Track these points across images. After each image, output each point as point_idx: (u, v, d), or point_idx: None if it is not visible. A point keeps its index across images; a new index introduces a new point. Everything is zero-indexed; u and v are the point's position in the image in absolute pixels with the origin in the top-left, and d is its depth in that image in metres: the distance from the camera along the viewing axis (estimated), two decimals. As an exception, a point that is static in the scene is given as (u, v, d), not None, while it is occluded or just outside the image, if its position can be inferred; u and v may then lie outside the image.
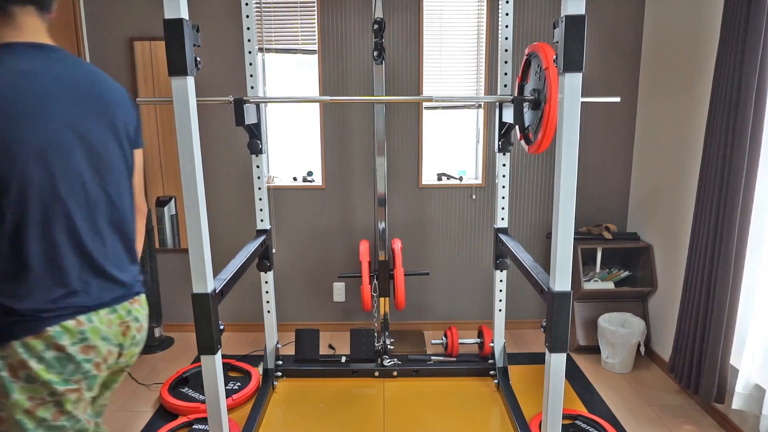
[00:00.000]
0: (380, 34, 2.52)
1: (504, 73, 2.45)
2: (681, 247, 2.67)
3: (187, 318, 3.39)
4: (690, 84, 2.59)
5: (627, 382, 2.76)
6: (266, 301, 2.70)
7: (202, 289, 1.65)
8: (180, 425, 2.38)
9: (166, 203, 3.21)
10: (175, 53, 1.48)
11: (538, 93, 1.95)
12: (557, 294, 1.61)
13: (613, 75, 3.13)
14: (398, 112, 3.15)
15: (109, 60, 3.07)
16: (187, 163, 1.55)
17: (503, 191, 2.57)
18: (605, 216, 3.30)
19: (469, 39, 3.11)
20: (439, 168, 3.30)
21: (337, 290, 3.37)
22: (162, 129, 3.14)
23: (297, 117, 3.25)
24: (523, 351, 3.13)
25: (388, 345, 2.85)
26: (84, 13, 3.02)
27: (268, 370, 2.72)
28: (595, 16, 3.06)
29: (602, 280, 3.06)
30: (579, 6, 1.41)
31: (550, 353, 1.66)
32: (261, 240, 2.46)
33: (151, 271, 3.12)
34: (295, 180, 3.29)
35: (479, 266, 3.35)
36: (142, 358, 3.08)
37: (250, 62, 2.45)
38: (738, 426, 2.26)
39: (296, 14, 3.06)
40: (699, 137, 2.49)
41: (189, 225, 1.60)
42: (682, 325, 2.47)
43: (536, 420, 2.37)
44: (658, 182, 2.91)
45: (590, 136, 3.19)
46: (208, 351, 1.69)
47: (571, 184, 1.53)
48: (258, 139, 2.43)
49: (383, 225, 2.78)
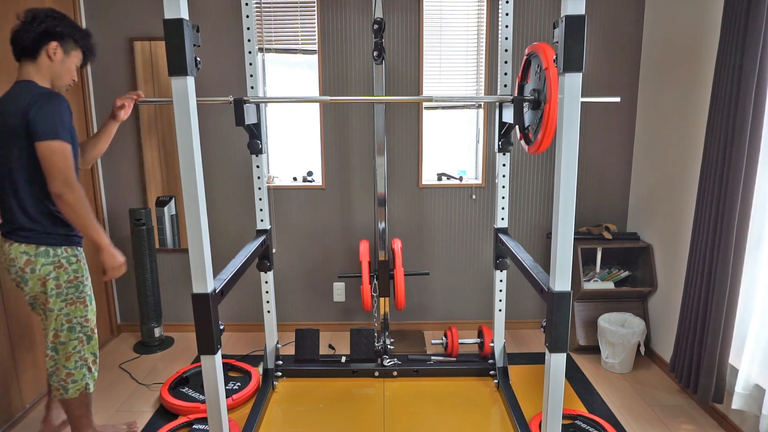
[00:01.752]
0: (380, 34, 2.52)
1: (504, 73, 2.45)
2: (681, 247, 2.67)
3: (187, 318, 3.39)
4: (690, 84, 2.59)
5: (627, 382, 2.76)
6: (266, 301, 2.70)
7: (202, 289, 1.65)
8: (180, 425, 2.38)
9: (166, 203, 3.22)
10: (175, 53, 1.49)
11: (538, 93, 1.95)
12: (557, 294, 1.61)
13: (613, 75, 3.13)
14: (398, 112, 3.15)
15: (109, 60, 3.07)
16: (187, 163, 1.56)
17: (503, 191, 2.57)
18: (605, 216, 3.30)
19: (469, 39, 3.11)
20: (439, 168, 3.30)
21: (337, 290, 3.38)
22: (162, 129, 3.14)
23: (297, 117, 3.25)
24: (523, 351, 3.13)
25: (388, 345, 2.85)
26: (84, 13, 3.03)
27: (268, 370, 2.72)
28: (595, 16, 3.06)
29: (602, 280, 3.06)
30: (579, 6, 1.41)
31: (550, 353, 1.66)
32: (261, 240, 2.47)
33: (151, 271, 3.12)
34: (295, 180, 3.29)
35: (479, 266, 3.35)
36: (142, 358, 3.08)
37: (250, 62, 2.45)
38: (738, 426, 2.26)
39: (296, 14, 3.06)
40: (699, 137, 2.49)
41: (189, 225, 1.60)
42: (682, 325, 2.47)
43: (536, 420, 2.38)
44: (658, 182, 2.91)
45: (590, 136, 3.19)
46: (208, 351, 1.69)
47: (571, 184, 1.53)
48: (258, 139, 2.43)
49: (383, 225, 2.78)
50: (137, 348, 3.19)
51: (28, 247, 1.89)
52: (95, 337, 2.07)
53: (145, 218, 3.05)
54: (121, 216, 3.24)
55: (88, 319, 2.02)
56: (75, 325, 1.99)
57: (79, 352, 2.02)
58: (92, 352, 2.07)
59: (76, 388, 2.04)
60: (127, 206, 3.20)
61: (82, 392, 2.06)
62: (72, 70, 1.99)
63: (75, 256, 1.98)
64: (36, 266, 1.90)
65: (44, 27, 1.88)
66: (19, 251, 1.89)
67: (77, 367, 2.03)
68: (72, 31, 1.95)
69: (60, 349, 1.99)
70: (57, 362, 2.01)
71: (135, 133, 3.15)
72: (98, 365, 2.12)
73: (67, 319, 1.97)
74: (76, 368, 2.02)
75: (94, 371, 2.09)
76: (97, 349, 2.09)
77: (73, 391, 2.04)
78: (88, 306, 2.02)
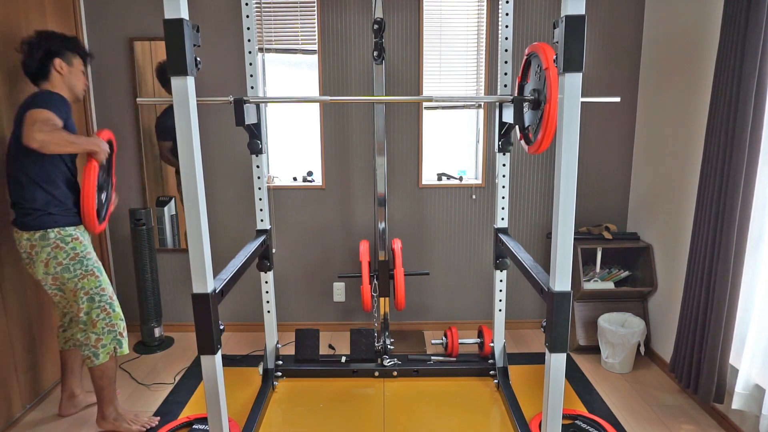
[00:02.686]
0: (380, 34, 2.52)
1: (504, 73, 2.45)
2: (681, 247, 2.67)
3: (187, 318, 3.39)
4: (690, 84, 2.59)
5: (627, 382, 2.76)
6: (266, 301, 2.70)
7: (202, 289, 1.65)
8: (180, 425, 2.38)
9: (166, 203, 3.22)
10: (175, 53, 1.49)
11: (538, 93, 1.95)
12: (557, 294, 1.61)
13: (613, 75, 3.13)
14: (398, 112, 3.15)
15: (109, 60, 3.07)
16: (187, 163, 1.56)
17: (503, 191, 2.57)
18: (605, 216, 3.30)
19: (469, 39, 3.11)
20: (439, 168, 3.30)
21: (337, 290, 3.38)
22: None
23: (297, 117, 3.25)
24: (523, 351, 3.13)
25: (388, 345, 2.85)
26: (84, 13, 3.02)
27: (268, 370, 2.72)
28: (595, 16, 3.06)
29: (602, 280, 3.06)
30: (579, 6, 1.41)
31: (550, 353, 1.66)
32: (261, 240, 2.47)
33: (151, 271, 3.12)
34: (295, 180, 3.29)
35: (479, 266, 3.35)
36: (142, 358, 3.08)
37: (250, 62, 2.45)
38: (738, 426, 2.26)
39: (296, 14, 3.06)
40: (699, 137, 2.49)
41: (189, 225, 1.60)
42: (682, 325, 2.47)
43: (536, 420, 2.38)
44: (658, 182, 2.91)
45: (590, 136, 3.19)
46: (208, 351, 1.69)
47: (571, 184, 1.53)
48: (258, 139, 2.43)
49: (383, 225, 2.78)
50: (137, 348, 3.19)
51: (29, 234, 2.11)
52: (116, 302, 2.29)
53: (145, 218, 3.05)
54: (121, 216, 3.24)
55: (103, 288, 2.23)
56: (93, 295, 2.21)
57: (104, 320, 2.24)
58: (120, 318, 2.28)
59: (105, 352, 2.25)
60: (127, 206, 3.20)
61: (111, 356, 2.27)
62: (80, 75, 2.25)
63: (69, 235, 2.16)
64: (38, 249, 2.12)
65: (43, 51, 2.13)
66: (23, 238, 2.12)
67: (104, 332, 2.24)
68: (64, 43, 2.19)
69: (87, 320, 2.22)
70: (86, 331, 2.23)
71: (135, 133, 3.15)
72: (127, 336, 2.33)
73: (84, 292, 2.19)
74: (104, 334, 2.24)
75: (124, 337, 2.30)
76: (122, 315, 2.30)
77: (104, 355, 2.25)
78: (99, 276, 2.22)
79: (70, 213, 2.17)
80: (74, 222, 2.18)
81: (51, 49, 2.14)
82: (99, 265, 2.25)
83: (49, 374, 2.66)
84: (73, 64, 2.20)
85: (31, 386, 2.52)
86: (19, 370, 2.42)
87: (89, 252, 2.22)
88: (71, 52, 2.20)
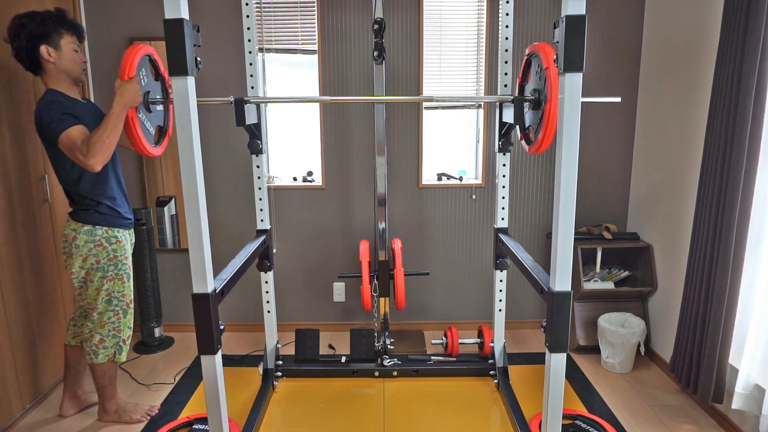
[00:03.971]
0: (380, 34, 2.52)
1: (504, 73, 2.45)
2: (681, 247, 2.67)
3: (187, 318, 3.39)
4: (690, 84, 2.59)
5: (627, 382, 2.76)
6: (266, 301, 2.70)
7: (202, 289, 1.65)
8: (180, 425, 2.38)
9: (166, 203, 3.22)
10: (175, 53, 1.49)
11: (539, 93, 1.95)
12: (557, 294, 1.61)
13: (613, 75, 3.13)
14: (398, 112, 3.15)
15: (109, 60, 3.07)
16: (188, 163, 1.56)
17: (503, 191, 2.57)
18: (605, 216, 3.30)
19: (469, 39, 3.11)
20: (439, 168, 3.30)
21: (337, 290, 3.38)
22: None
23: (297, 117, 3.25)
24: (523, 351, 3.13)
25: (388, 345, 2.85)
26: (84, 13, 3.02)
27: (268, 370, 2.72)
28: (595, 16, 3.06)
29: (602, 280, 3.06)
30: (579, 6, 1.42)
31: (550, 353, 1.66)
32: (261, 240, 2.47)
33: (151, 271, 3.12)
34: (295, 180, 3.29)
35: (479, 266, 3.35)
36: (142, 358, 3.08)
37: (250, 62, 2.45)
38: (738, 426, 2.26)
39: (296, 14, 3.06)
40: (699, 137, 2.49)
41: (189, 225, 1.60)
42: (682, 325, 2.47)
43: (536, 420, 2.38)
44: (658, 182, 2.91)
45: (590, 136, 3.19)
46: (208, 351, 1.69)
47: (571, 184, 1.53)
48: (258, 139, 2.43)
49: (383, 225, 2.78)
50: (137, 348, 3.19)
51: (76, 225, 2.14)
52: (131, 311, 2.31)
53: (145, 218, 3.05)
54: (121, 216, 3.24)
55: (124, 294, 2.26)
56: (113, 298, 2.23)
57: (113, 323, 2.26)
58: (128, 326, 2.31)
59: (105, 354, 2.27)
60: (127, 206, 3.20)
61: (110, 359, 2.29)
62: (73, 56, 2.07)
63: (115, 237, 2.20)
64: (79, 242, 2.14)
65: (25, 36, 1.95)
66: (70, 228, 2.15)
67: (109, 335, 2.26)
68: (46, 24, 1.98)
69: (97, 319, 2.24)
70: (93, 330, 2.25)
71: (135, 133, 3.15)
72: (129, 345, 2.35)
73: (106, 293, 2.21)
74: (108, 336, 2.26)
75: (126, 346, 2.32)
76: (132, 324, 2.33)
77: (102, 356, 2.27)
78: (126, 283, 2.26)
79: (122, 218, 2.24)
80: (124, 225, 2.25)
81: (33, 33, 1.94)
82: (131, 272, 2.29)
83: (49, 374, 2.66)
84: (61, 45, 2.01)
85: (31, 386, 2.52)
86: (19, 369, 2.42)
87: (127, 257, 2.26)
88: (56, 32, 2.00)
